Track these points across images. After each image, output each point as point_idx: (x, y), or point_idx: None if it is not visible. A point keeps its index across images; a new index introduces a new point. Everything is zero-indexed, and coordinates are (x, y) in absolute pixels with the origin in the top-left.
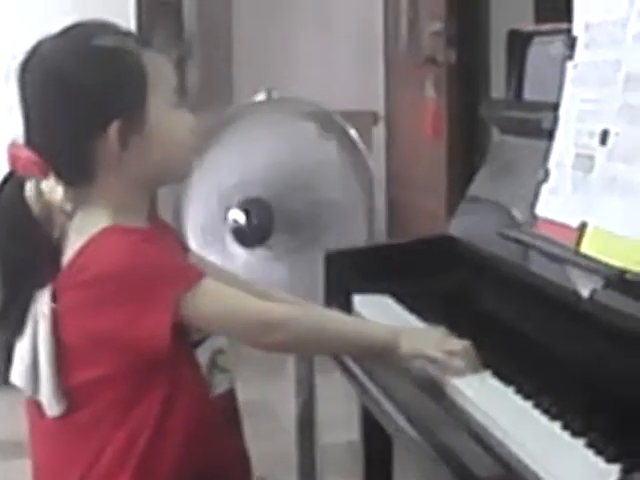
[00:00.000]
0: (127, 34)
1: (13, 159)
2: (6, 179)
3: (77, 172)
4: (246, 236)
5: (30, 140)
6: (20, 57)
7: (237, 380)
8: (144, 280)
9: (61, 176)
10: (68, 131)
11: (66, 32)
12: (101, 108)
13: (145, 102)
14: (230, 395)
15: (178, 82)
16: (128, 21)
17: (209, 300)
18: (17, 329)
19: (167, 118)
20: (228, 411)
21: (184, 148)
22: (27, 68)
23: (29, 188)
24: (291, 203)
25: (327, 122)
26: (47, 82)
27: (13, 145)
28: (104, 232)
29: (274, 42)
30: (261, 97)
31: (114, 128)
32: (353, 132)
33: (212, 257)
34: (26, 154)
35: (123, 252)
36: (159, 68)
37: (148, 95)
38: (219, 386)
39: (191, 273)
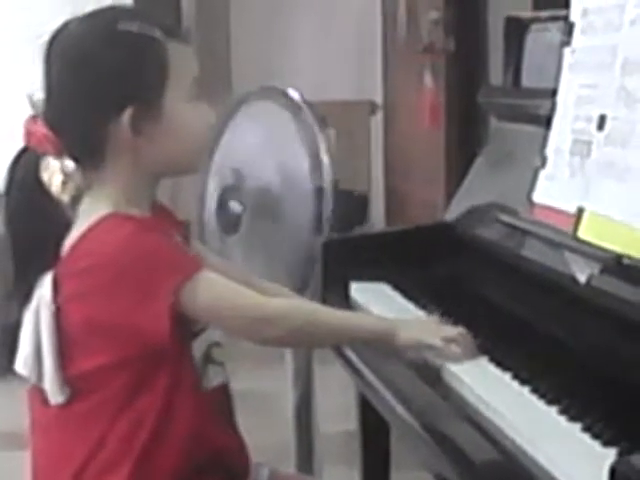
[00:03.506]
0: (155, 23)
1: (28, 134)
2: (20, 155)
3: (88, 153)
4: (222, 222)
5: (47, 116)
6: (46, 36)
7: (235, 370)
8: (143, 269)
9: (72, 155)
10: (82, 111)
11: (94, 14)
12: (116, 92)
13: (163, 92)
14: (224, 389)
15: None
16: None
17: (207, 292)
18: (20, 306)
19: (184, 110)
20: (222, 404)
21: (198, 141)
22: (53, 47)
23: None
24: (252, 191)
25: (296, 111)
26: (69, 61)
27: (29, 121)
28: (104, 220)
29: (272, 30)
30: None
31: (128, 114)
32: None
33: None
34: (41, 130)
35: (122, 241)
36: (182, 59)
37: (167, 85)
38: (213, 379)
39: (190, 264)
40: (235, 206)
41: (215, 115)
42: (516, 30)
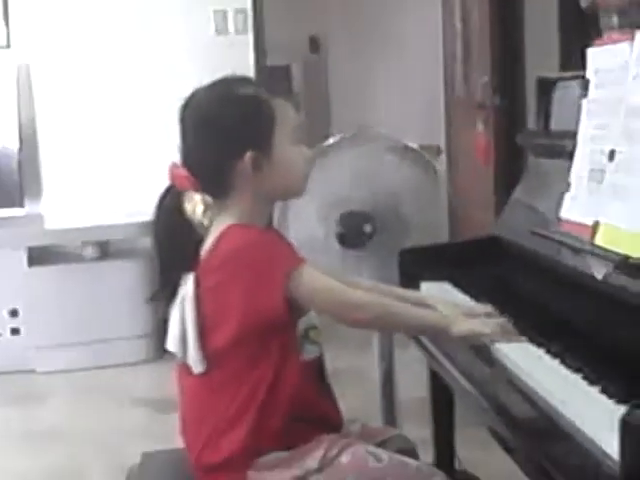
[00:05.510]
0: (262, 85)
1: (172, 176)
2: (166, 191)
3: (219, 187)
4: (348, 240)
5: (186, 162)
6: (180, 103)
7: (336, 353)
8: (262, 260)
9: (206, 190)
10: (214, 157)
11: (215, 84)
12: (239, 141)
13: (272, 137)
14: (318, 361)
15: (298, 123)
16: None
17: (309, 280)
18: (169, 304)
19: (289, 150)
20: (316, 373)
21: (301, 174)
22: (186, 110)
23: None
24: (377, 215)
25: (403, 152)
26: (200, 120)
27: (173, 166)
28: (229, 229)
29: (361, 94)
30: (349, 134)
31: (248, 156)
32: (427, 157)
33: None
34: (183, 173)
35: (244, 240)
36: (284, 112)
37: (275, 132)
38: (309, 353)
39: (297, 258)
40: (366, 227)
41: (314, 154)
42: (546, 87)
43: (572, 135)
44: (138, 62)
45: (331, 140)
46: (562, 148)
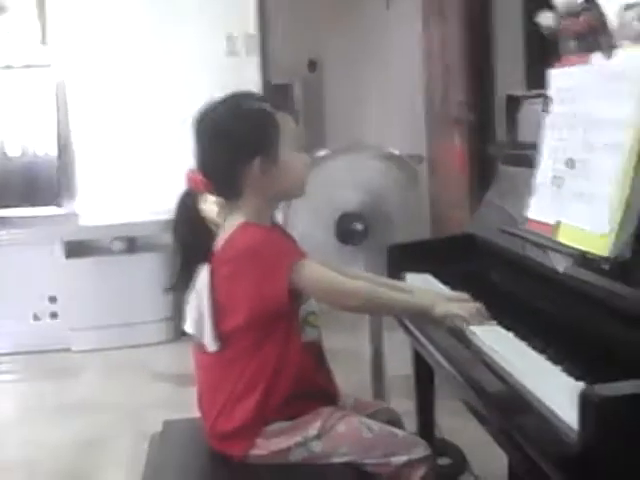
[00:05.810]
0: (266, 100)
1: (189, 180)
2: (184, 194)
3: (230, 190)
4: (343, 238)
5: (201, 168)
6: (194, 116)
7: (332, 334)
8: (268, 255)
9: (219, 192)
10: (227, 163)
11: (226, 99)
12: (249, 149)
13: (277, 145)
14: (317, 343)
15: (298, 133)
16: None
17: (309, 272)
18: (185, 291)
19: (290, 157)
20: (315, 353)
21: (301, 177)
22: (201, 121)
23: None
24: (368, 215)
25: (389, 160)
26: (214, 130)
27: (189, 171)
28: (241, 226)
29: (353, 110)
30: (343, 145)
31: (257, 162)
32: (410, 164)
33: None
34: (198, 177)
35: (253, 236)
36: (287, 123)
37: (279, 141)
38: (308, 336)
39: (299, 253)
40: (358, 225)
41: (312, 160)
42: (514, 104)
43: (536, 146)
44: (160, 79)
45: (327, 150)
46: (527, 157)
